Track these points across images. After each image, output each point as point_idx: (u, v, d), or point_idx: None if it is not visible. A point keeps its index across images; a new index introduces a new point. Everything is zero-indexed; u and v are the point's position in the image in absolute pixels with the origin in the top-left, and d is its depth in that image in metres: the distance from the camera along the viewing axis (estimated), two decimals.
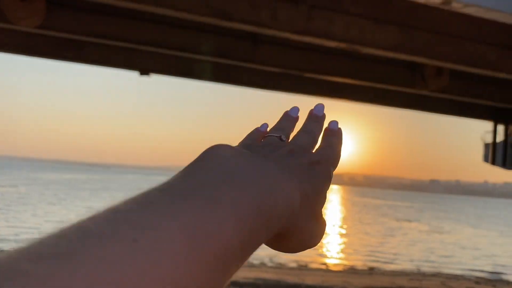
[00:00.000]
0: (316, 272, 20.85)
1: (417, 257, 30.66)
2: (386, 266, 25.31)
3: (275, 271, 19.47)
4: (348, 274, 20.71)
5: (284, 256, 26.59)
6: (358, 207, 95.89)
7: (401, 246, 35.77)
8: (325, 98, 17.91)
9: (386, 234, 44.38)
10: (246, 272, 18.62)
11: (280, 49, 13.18)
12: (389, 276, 20.78)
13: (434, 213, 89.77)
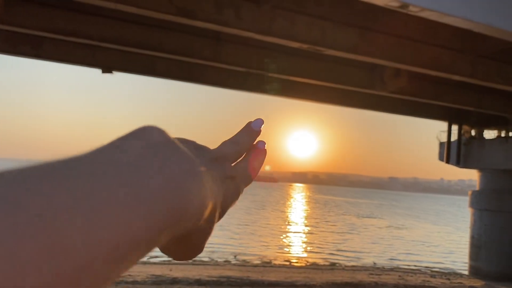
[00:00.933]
0: (280, 268, 21.13)
1: (376, 252, 31.65)
2: (347, 262, 26.02)
3: (239, 269, 19.58)
4: (310, 270, 21.11)
5: (248, 253, 26.82)
6: (321, 204, 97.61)
7: (362, 242, 36.80)
8: (288, 98, 18.18)
9: (347, 231, 45.49)
10: (210, 270, 18.63)
11: (243, 48, 13.27)
12: (349, 271, 21.34)
13: (392, 210, 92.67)
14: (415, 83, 15.78)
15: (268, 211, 62.99)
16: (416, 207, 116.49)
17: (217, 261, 22.41)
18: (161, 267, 18.53)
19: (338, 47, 11.36)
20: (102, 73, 13.68)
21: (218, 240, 30.67)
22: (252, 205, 73.70)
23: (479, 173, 23.12)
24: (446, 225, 63.43)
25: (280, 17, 10.60)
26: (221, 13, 10.05)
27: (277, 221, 49.27)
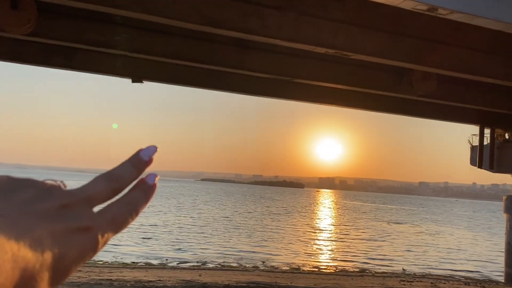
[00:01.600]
0: (308, 275, 20.96)
1: (407, 258, 30.96)
2: (377, 268, 25.56)
3: (267, 275, 19.55)
4: (340, 276, 20.84)
5: (277, 259, 26.75)
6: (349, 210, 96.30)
7: (392, 248, 36.08)
8: (315, 103, 18.11)
9: (377, 237, 44.70)
10: (239, 275, 18.69)
11: (268, 55, 13.34)
12: (380, 278, 20.97)
13: (423, 216, 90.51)
14: (445, 86, 15.46)
15: (295, 217, 62.66)
16: (448, 213, 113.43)
17: (245, 266, 22.46)
18: (190, 272, 18.73)
19: (364, 51, 11.28)
20: (132, 82, 14.02)
21: (246, 247, 30.73)
22: (279, 211, 73.50)
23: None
24: (479, 231, 61.47)
25: (306, 24, 10.62)
26: (247, 22, 10.16)
27: (304, 227, 48.93)
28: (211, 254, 25.82)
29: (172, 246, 28.23)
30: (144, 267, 19.61)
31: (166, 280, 15.78)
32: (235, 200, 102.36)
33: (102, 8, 9.13)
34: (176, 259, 23.28)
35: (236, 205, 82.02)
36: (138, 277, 15.95)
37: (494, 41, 12.42)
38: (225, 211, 63.39)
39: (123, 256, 23.69)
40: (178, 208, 64.19)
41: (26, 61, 13.39)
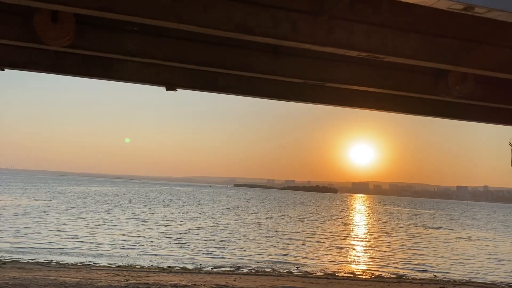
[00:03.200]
0: (344, 281, 20.66)
1: (446, 265, 29.99)
2: (414, 274, 24.90)
3: (302, 280, 19.43)
4: (376, 283, 20.43)
5: (311, 264, 26.53)
6: (384, 215, 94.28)
7: (429, 254, 35.04)
8: (348, 107, 17.91)
9: (413, 242, 43.54)
10: (273, 281, 18.66)
11: (300, 60, 13.31)
12: (417, 284, 20.42)
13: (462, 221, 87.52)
14: (484, 87, 14.96)
15: (329, 223, 61.96)
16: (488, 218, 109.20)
17: (279, 271, 22.40)
18: (225, 277, 18.87)
19: (397, 53, 11.07)
20: (166, 90, 14.32)
21: (279, 251, 30.63)
22: (312, 216, 72.88)
23: None
24: None
25: (338, 27, 10.55)
26: (278, 27, 10.19)
27: (339, 233, 48.29)
28: (245, 259, 25.89)
29: (207, 251, 28.48)
30: (180, 271, 19.89)
31: (201, 284, 15.95)
32: (267, 205, 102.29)
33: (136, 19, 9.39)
34: (211, 264, 23.49)
35: (269, 210, 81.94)
36: (174, 281, 16.19)
37: None
38: (258, 217, 63.45)
39: (159, 260, 24.14)
40: (211, 213, 64.76)
41: (66, 72, 13.91)
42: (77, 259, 22.94)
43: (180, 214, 58.34)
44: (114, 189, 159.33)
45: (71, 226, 37.62)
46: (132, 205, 71.79)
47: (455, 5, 9.04)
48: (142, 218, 49.14)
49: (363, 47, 10.82)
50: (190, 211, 65.63)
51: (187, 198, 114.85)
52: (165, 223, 44.92)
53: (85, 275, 16.58)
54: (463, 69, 12.30)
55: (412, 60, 11.56)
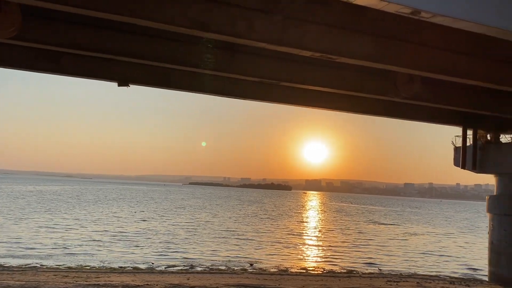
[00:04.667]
0: (297, 276, 21.06)
1: (393, 259, 31.27)
2: (364, 269, 25.78)
3: (256, 277, 19.60)
4: (327, 277, 20.99)
5: (265, 261, 26.79)
6: (336, 212, 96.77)
7: (378, 249, 36.41)
8: (302, 106, 18.24)
9: (363, 238, 45.02)
10: (227, 278, 18.70)
11: (256, 58, 13.40)
12: (367, 278, 21.18)
13: (408, 217, 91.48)
14: (429, 89, 15.71)
15: (283, 220, 62.73)
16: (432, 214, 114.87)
17: (233, 269, 22.48)
18: (178, 276, 18.68)
19: (350, 54, 11.40)
20: (118, 86, 13.95)
21: (234, 249, 30.71)
22: (267, 214, 73.57)
23: (496, 178, 22.78)
24: (463, 231, 62.41)
25: (292, 27, 10.70)
26: (234, 25, 10.20)
27: (292, 230, 49.04)
28: (199, 258, 25.74)
29: (160, 250, 28.06)
30: (132, 271, 19.49)
31: (154, 284, 15.71)
32: (223, 203, 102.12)
33: (89, 12, 9.08)
34: (164, 263, 23.16)
35: (224, 208, 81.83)
36: (126, 282, 15.85)
37: (476, 44, 12.68)
38: (212, 215, 63.21)
39: (110, 261, 23.51)
40: (165, 212, 63.76)
41: (10, 65, 13.24)
42: (23, 261, 21.89)
43: (132, 214, 57.01)
44: (63, 188, 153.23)
45: (15, 227, 35.84)
46: (81, 205, 69.34)
47: (403, 9, 9.43)
48: (91, 218, 47.59)
49: (316, 47, 11.05)
50: (143, 211, 64.32)
51: (140, 197, 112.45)
52: (117, 223, 43.78)
53: (31, 278, 15.85)
54: (410, 71, 12.86)
55: (364, 62, 11.94)
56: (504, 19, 9.46)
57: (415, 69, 12.37)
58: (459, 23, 9.62)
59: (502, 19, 9.45)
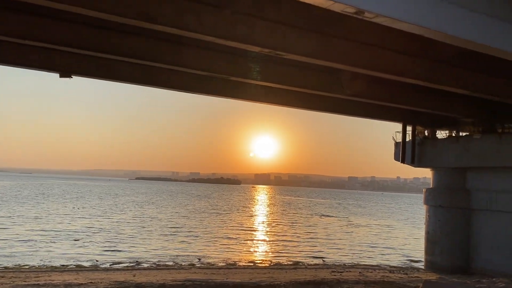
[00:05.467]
0: (244, 270, 21.28)
1: (338, 251, 32.39)
2: (309, 260, 26.51)
3: (204, 272, 19.58)
4: (274, 270, 21.39)
5: (213, 256, 26.80)
6: (283, 205, 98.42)
7: (323, 241, 37.53)
8: (251, 101, 18.37)
9: (309, 230, 46.20)
10: (175, 274, 18.53)
11: (204, 52, 13.32)
12: (312, 270, 21.82)
13: (352, 209, 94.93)
14: (372, 87, 16.36)
15: (231, 214, 62.95)
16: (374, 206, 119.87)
17: (181, 264, 22.32)
18: (124, 273, 18.27)
19: (297, 51, 11.63)
20: (60, 77, 13.36)
21: (182, 245, 30.44)
22: (215, 209, 73.47)
23: (433, 172, 24.19)
24: (403, 222, 65.72)
25: (240, 22, 10.74)
26: (182, 18, 10.08)
27: (241, 223, 49.35)
28: (146, 254, 25.29)
29: (105, 247, 27.25)
30: (75, 269, 18.81)
31: (98, 282, 15.27)
32: (171, 198, 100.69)
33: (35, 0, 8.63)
34: (109, 260, 22.54)
35: (173, 204, 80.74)
36: (68, 280, 15.29)
37: (416, 44, 13.36)
38: (160, 211, 62.21)
39: (51, 259, 22.53)
40: (111, 208, 61.93)
41: None
42: None
43: (75, 210, 54.86)
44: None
45: None
46: (18, 202, 65.71)
47: (348, 9, 9.74)
48: (30, 215, 45.27)
49: (264, 43, 11.17)
50: (87, 207, 62.09)
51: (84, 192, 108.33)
52: (58, 220, 41.96)
53: None
54: (354, 69, 13.34)
55: (309, 59, 12.22)
56: (441, 22, 10.01)
57: (358, 67, 12.82)
58: (400, 24, 10.06)
59: (439, 22, 10.00)
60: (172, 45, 12.58)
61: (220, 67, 13.64)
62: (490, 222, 21.42)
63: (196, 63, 13.26)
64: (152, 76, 14.80)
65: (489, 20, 10.32)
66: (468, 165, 21.96)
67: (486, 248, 21.46)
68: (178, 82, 15.49)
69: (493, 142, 20.55)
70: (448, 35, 10.11)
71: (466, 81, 14.98)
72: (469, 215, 22.33)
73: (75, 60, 13.28)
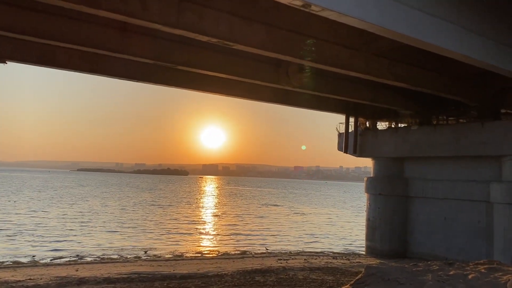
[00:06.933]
0: (192, 261, 21.22)
1: (284, 239, 33.12)
2: (256, 249, 26.91)
3: (150, 264, 19.30)
4: (222, 260, 21.52)
5: (159, 248, 26.44)
6: (230, 195, 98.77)
7: (270, 229, 38.20)
8: (198, 91, 18.20)
9: (256, 219, 46.81)
10: (120, 267, 18.10)
11: (151, 40, 13.00)
12: (259, 258, 22.18)
13: (297, 198, 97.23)
14: (317, 79, 16.78)
15: (178, 206, 62.31)
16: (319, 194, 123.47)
17: (126, 257, 21.83)
18: (66, 268, 17.60)
19: (246, 42, 11.67)
20: None
21: (126, 238, 29.74)
22: (161, 200, 72.32)
23: (373, 161, 25.29)
24: (346, 209, 68.30)
25: (188, 10, 10.60)
26: (127, 3, 9.78)
27: (187, 215, 49.00)
28: (89, 248, 24.48)
29: (44, 242, 26.05)
30: (12, 266, 17.86)
31: (37, 278, 14.62)
32: (115, 190, 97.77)
33: None
34: (49, 256, 21.60)
35: (115, 196, 78.46)
36: (4, 278, 14.51)
37: (359, 39, 13.85)
38: (102, 204, 60.30)
39: None
40: (50, 201, 59.15)
41: None
42: None
43: (9, 204, 51.88)
44: None
45: None
46: None
47: (295, 1, 9.88)
48: None
49: (213, 33, 11.10)
50: (23, 200, 58.90)
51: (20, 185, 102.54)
52: None
53: None
54: (299, 61, 13.60)
55: (257, 50, 12.31)
56: (383, 18, 10.43)
57: (303, 59, 13.08)
58: (345, 18, 10.36)
59: (382, 17, 10.41)
60: (116, 32, 12.17)
61: (167, 56, 13.39)
62: (425, 209, 22.82)
63: (142, 51, 12.93)
64: (94, 63, 14.24)
65: (422, 15, 10.93)
66: (406, 155, 23.19)
67: (422, 234, 22.86)
68: (122, 70, 15.03)
69: (428, 133, 21.82)
70: (388, 30, 10.56)
71: (402, 74, 15.78)
72: (406, 202, 23.65)
73: (12, 45, 12.49)
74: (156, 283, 14.41)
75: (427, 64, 16.11)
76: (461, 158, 21.08)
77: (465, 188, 20.73)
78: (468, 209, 20.61)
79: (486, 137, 19.26)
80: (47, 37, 11.27)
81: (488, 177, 19.95)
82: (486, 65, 13.10)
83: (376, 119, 24.91)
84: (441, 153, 21.28)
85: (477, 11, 12.18)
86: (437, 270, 7.30)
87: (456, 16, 11.69)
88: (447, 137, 20.88)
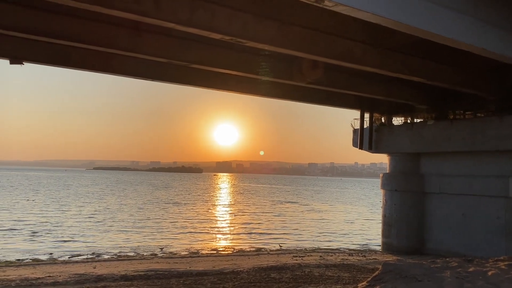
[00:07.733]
0: (207, 258, 21.32)
1: (299, 235, 33.05)
2: (272, 246, 26.93)
3: (166, 261, 19.45)
4: (237, 257, 21.57)
5: (175, 245, 26.64)
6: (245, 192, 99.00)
7: (286, 226, 38.17)
8: (211, 89, 18.23)
9: (271, 217, 46.76)
10: (136, 264, 18.29)
11: (164, 39, 13.05)
12: (274, 255, 22.18)
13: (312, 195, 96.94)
14: (331, 74, 16.64)
15: (194, 203, 62.69)
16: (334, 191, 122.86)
17: (143, 255, 22.04)
18: (84, 265, 17.85)
19: (258, 39, 11.63)
20: (11, 63, 12.72)
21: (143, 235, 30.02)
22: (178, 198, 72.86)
23: (389, 157, 25.02)
24: (362, 205, 67.84)
25: (201, 8, 10.60)
26: (140, 3, 9.82)
27: (203, 212, 49.26)
28: (106, 245, 24.78)
29: (63, 240, 26.47)
30: (31, 263, 18.18)
31: (57, 275, 14.86)
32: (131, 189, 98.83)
33: None
34: (68, 253, 21.94)
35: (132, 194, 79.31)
36: (25, 275, 14.78)
37: (373, 33, 13.69)
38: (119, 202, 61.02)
39: (6, 254, 21.64)
40: (67, 200, 60.09)
41: None
42: None
43: (29, 203, 52.84)
44: None
45: None
46: None
47: None
48: None
49: (226, 30, 11.09)
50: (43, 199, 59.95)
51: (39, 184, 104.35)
52: (12, 213, 40.30)
53: None
54: (313, 57, 13.51)
55: (271, 46, 12.27)
56: (398, 12, 10.30)
57: (316, 55, 12.99)
58: (359, 13, 10.25)
59: (396, 11, 10.28)
60: (129, 31, 12.25)
61: (181, 54, 13.43)
62: (442, 205, 22.49)
63: (155, 50, 12.99)
64: (108, 62, 14.36)
65: (437, 8, 10.76)
66: (422, 151, 22.87)
67: (439, 230, 22.56)
68: (135, 69, 15.13)
69: (444, 128, 21.48)
70: (402, 24, 10.42)
71: (418, 69, 15.55)
72: (423, 198, 23.35)
73: (27, 46, 12.67)
74: (173, 280, 14.52)
75: (443, 58, 15.84)
76: (479, 153, 20.70)
77: (483, 184, 20.36)
78: (487, 205, 20.25)
79: (504, 131, 18.88)
80: (61, 38, 11.41)
81: (507, 172, 19.56)
82: (504, 57, 12.83)
83: (391, 115, 24.63)
84: (458, 148, 20.95)
85: (493, 3, 11.93)
86: (456, 266, 7.19)
87: (472, 8, 11.47)
88: (464, 131, 20.53)
